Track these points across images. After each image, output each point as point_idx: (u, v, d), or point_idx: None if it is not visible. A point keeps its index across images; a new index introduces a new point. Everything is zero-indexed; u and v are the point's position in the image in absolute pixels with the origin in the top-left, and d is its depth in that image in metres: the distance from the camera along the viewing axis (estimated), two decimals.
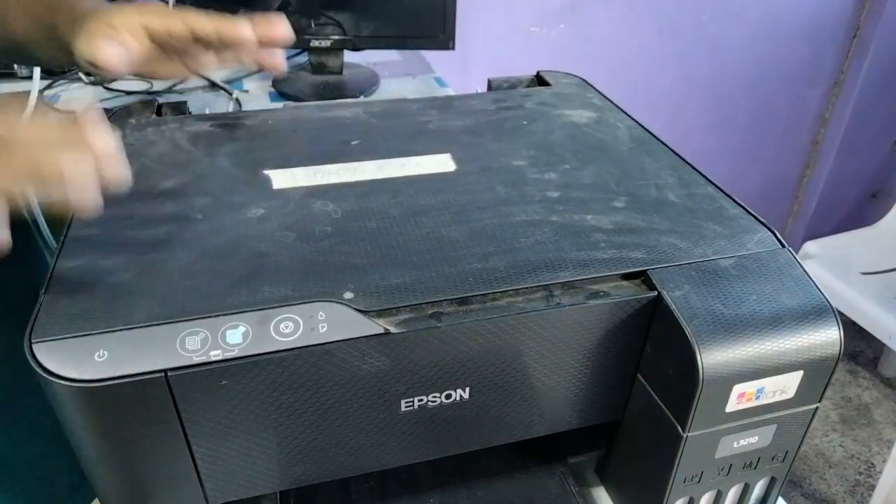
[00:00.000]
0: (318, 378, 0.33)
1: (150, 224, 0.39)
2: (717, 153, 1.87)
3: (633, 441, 0.42)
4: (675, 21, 1.59)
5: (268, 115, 0.55)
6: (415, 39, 1.02)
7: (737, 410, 0.36)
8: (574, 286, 0.36)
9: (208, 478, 0.35)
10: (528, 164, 0.47)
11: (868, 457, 1.58)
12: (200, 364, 0.31)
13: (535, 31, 1.50)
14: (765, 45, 1.70)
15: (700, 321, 0.35)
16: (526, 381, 0.38)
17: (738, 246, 0.39)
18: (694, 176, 0.47)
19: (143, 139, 0.50)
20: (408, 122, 0.54)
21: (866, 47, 1.76)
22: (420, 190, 0.44)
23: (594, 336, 0.37)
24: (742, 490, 0.41)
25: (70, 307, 0.32)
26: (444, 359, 0.35)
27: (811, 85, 1.83)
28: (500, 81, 0.66)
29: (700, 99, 1.74)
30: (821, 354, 0.36)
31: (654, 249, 0.38)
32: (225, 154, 0.48)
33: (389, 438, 0.37)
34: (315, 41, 1.01)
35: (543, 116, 0.56)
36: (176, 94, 1.02)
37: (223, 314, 0.32)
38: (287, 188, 0.44)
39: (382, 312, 0.34)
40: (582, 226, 0.40)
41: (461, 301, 0.35)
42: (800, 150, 1.97)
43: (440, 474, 0.46)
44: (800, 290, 0.37)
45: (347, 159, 0.48)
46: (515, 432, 0.40)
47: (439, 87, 1.09)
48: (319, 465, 0.37)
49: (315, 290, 0.34)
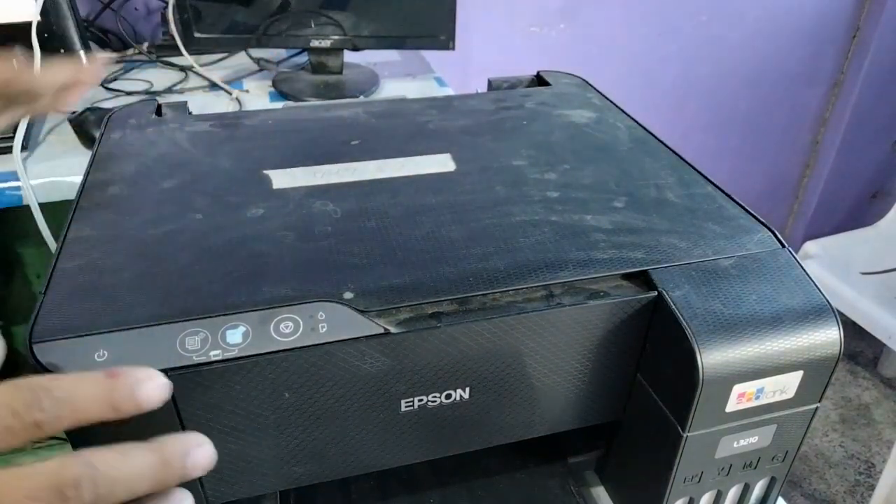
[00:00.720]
0: (318, 378, 0.33)
1: (150, 224, 0.39)
2: (717, 153, 1.87)
3: (633, 441, 0.42)
4: (675, 21, 1.59)
5: (268, 115, 0.55)
6: (415, 39, 1.02)
7: (737, 410, 0.36)
8: (574, 286, 0.36)
9: (208, 478, 0.35)
10: (528, 164, 0.47)
11: (868, 457, 1.58)
12: (200, 364, 0.31)
13: (535, 31, 1.50)
14: (765, 45, 1.70)
15: (700, 321, 0.35)
16: (526, 381, 0.38)
17: (738, 246, 0.39)
18: (694, 176, 0.47)
19: (143, 139, 0.50)
20: (408, 122, 0.54)
21: (866, 47, 1.76)
22: (420, 190, 0.44)
23: (594, 336, 0.37)
24: (742, 490, 0.41)
25: (70, 307, 0.33)
26: (444, 359, 0.35)
27: (811, 85, 1.83)
28: (500, 81, 0.66)
29: (700, 99, 1.74)
30: (821, 354, 0.36)
31: (654, 249, 0.38)
32: (225, 154, 0.48)
33: (389, 438, 0.37)
34: (315, 41, 1.01)
35: (543, 116, 0.56)
36: (176, 94, 1.02)
37: (223, 314, 0.32)
38: (287, 188, 0.44)
39: (382, 312, 0.34)
40: (582, 226, 0.40)
41: (461, 301, 0.35)
42: (800, 150, 1.97)
43: (440, 474, 0.46)
44: (800, 290, 0.37)
45: (347, 159, 0.48)
46: (515, 432, 0.40)
47: (439, 88, 1.09)
48: (319, 465, 0.37)
49: (315, 290, 0.34)
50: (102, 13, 1.19)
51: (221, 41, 1.02)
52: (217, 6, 0.98)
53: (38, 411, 0.23)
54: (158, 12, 1.22)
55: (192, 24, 0.98)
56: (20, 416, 0.23)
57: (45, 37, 1.01)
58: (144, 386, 0.25)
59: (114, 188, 0.43)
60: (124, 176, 0.45)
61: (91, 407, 0.25)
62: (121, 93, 1.01)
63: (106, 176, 0.45)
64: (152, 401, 0.26)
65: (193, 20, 0.98)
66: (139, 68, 1.12)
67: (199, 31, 0.99)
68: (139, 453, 0.25)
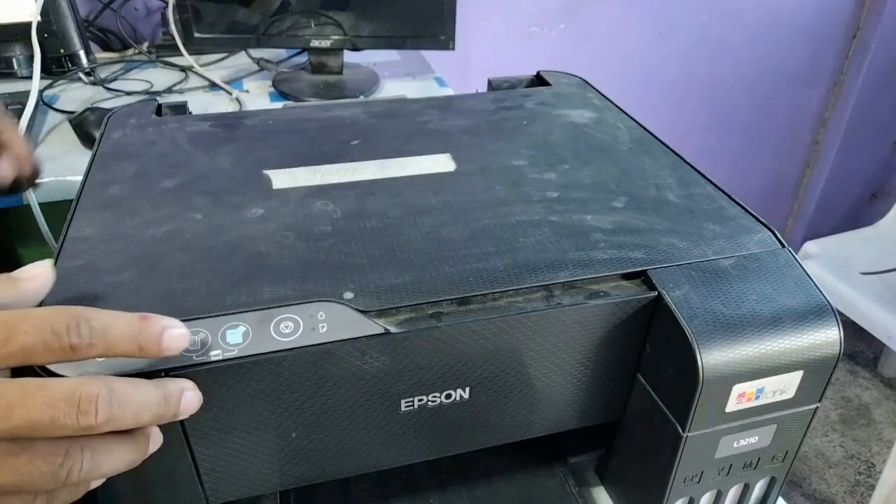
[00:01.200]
0: (318, 378, 0.33)
1: (150, 224, 0.39)
2: (717, 153, 1.87)
3: (633, 441, 0.42)
4: (675, 21, 1.59)
5: (268, 115, 0.55)
6: (415, 39, 1.02)
7: (737, 410, 0.36)
8: (574, 286, 0.36)
9: (208, 478, 0.35)
10: (528, 164, 0.47)
11: (868, 457, 1.58)
12: (200, 364, 0.31)
13: (535, 31, 1.50)
14: (765, 45, 1.70)
15: (700, 321, 0.35)
16: (526, 381, 0.38)
17: (738, 246, 0.39)
18: (694, 176, 0.47)
19: (143, 139, 0.50)
20: (408, 122, 0.54)
21: (866, 47, 1.76)
22: (420, 190, 0.44)
23: (594, 336, 0.37)
24: (742, 490, 0.41)
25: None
26: (444, 359, 0.35)
27: (811, 85, 1.83)
28: (500, 81, 0.66)
29: (700, 99, 1.74)
30: (821, 354, 0.36)
31: (653, 249, 0.38)
32: (225, 154, 0.48)
33: (389, 438, 0.37)
34: (315, 41, 1.01)
35: (543, 116, 0.56)
36: (176, 94, 1.02)
37: (223, 314, 0.32)
38: (287, 188, 0.44)
39: (382, 312, 0.34)
40: (582, 226, 0.40)
41: (461, 301, 0.35)
42: (800, 150, 1.97)
43: (440, 474, 0.46)
44: (800, 290, 0.37)
45: (347, 159, 0.48)
46: (515, 432, 0.40)
47: (439, 87, 1.09)
48: (319, 465, 0.37)
49: (315, 290, 0.34)
50: (102, 13, 1.19)
51: (221, 41, 1.02)
52: (217, 6, 0.98)
53: (76, 336, 0.26)
54: (158, 12, 1.22)
55: (192, 24, 0.98)
56: (59, 337, 0.26)
57: (45, 37, 1.01)
58: (169, 332, 0.29)
59: (114, 188, 0.43)
60: (124, 176, 0.45)
61: (121, 342, 0.27)
62: (121, 93, 1.01)
63: (106, 176, 0.45)
64: (173, 347, 0.29)
65: (193, 20, 0.98)
66: (139, 68, 1.13)
67: (199, 31, 0.99)
68: (147, 387, 0.28)
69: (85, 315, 0.27)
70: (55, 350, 0.26)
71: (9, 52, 1.02)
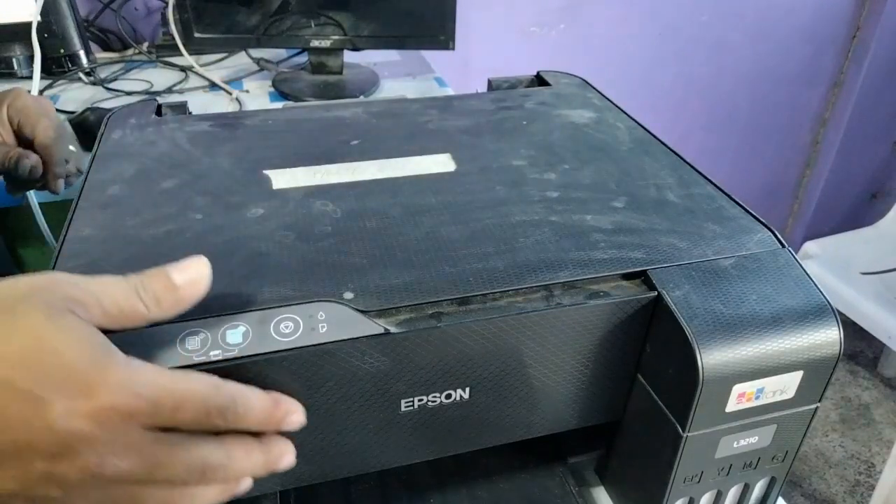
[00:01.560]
0: (318, 378, 0.33)
1: (150, 224, 0.39)
2: (717, 153, 1.87)
3: (633, 441, 0.42)
4: (675, 21, 1.59)
5: (268, 115, 0.55)
6: (415, 39, 1.02)
7: (737, 410, 0.36)
8: (574, 286, 0.36)
9: None
10: (528, 164, 0.47)
11: (868, 457, 1.58)
12: (200, 364, 0.31)
13: (535, 31, 1.50)
14: (765, 45, 1.70)
15: (700, 321, 0.35)
16: (526, 381, 0.38)
17: (738, 246, 0.39)
18: (694, 176, 0.47)
19: (143, 139, 0.50)
20: (408, 122, 0.54)
21: (866, 47, 1.76)
22: (420, 190, 0.44)
23: (594, 336, 0.37)
24: (742, 490, 0.41)
25: None
26: (444, 359, 0.35)
27: (811, 85, 1.83)
28: (500, 81, 0.66)
29: (700, 99, 1.74)
30: (821, 354, 0.36)
31: (653, 249, 0.38)
32: (225, 154, 0.48)
33: (389, 438, 0.37)
34: (315, 41, 1.01)
35: (543, 116, 0.56)
36: (176, 94, 1.02)
37: (223, 314, 0.32)
38: (287, 188, 0.44)
39: (382, 312, 0.34)
40: (582, 226, 0.40)
41: (461, 301, 0.35)
42: (800, 150, 1.97)
43: (440, 474, 0.46)
44: (800, 290, 0.37)
45: (347, 159, 0.48)
46: (515, 432, 0.40)
47: (439, 87, 1.09)
48: (319, 465, 0.37)
49: (315, 290, 0.34)
50: (102, 13, 1.19)
51: (221, 41, 1.02)
52: (217, 6, 0.98)
53: (222, 420, 0.29)
54: (158, 12, 1.22)
55: (192, 24, 0.98)
56: (210, 418, 0.28)
57: (45, 37, 1.01)
58: (289, 418, 0.31)
59: (114, 188, 0.43)
60: (124, 176, 0.45)
61: (251, 425, 0.30)
62: (121, 93, 1.01)
63: (106, 176, 0.45)
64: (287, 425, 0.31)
65: (193, 20, 0.98)
66: (139, 68, 1.12)
67: (199, 31, 0.99)
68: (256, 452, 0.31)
69: (234, 397, 0.29)
70: (201, 425, 0.28)
71: (9, 52, 1.02)
